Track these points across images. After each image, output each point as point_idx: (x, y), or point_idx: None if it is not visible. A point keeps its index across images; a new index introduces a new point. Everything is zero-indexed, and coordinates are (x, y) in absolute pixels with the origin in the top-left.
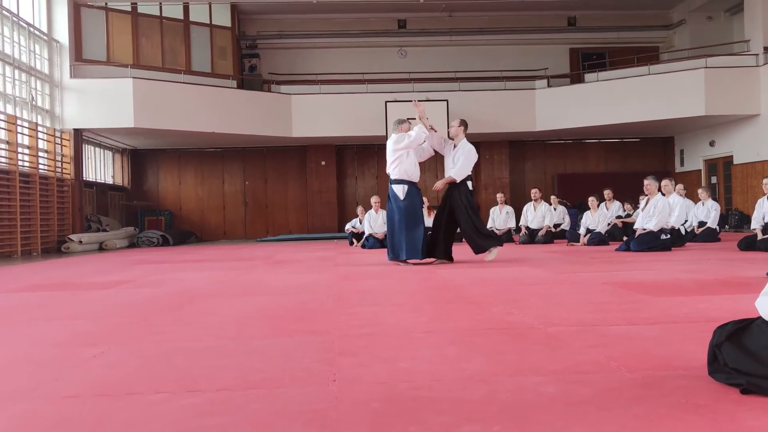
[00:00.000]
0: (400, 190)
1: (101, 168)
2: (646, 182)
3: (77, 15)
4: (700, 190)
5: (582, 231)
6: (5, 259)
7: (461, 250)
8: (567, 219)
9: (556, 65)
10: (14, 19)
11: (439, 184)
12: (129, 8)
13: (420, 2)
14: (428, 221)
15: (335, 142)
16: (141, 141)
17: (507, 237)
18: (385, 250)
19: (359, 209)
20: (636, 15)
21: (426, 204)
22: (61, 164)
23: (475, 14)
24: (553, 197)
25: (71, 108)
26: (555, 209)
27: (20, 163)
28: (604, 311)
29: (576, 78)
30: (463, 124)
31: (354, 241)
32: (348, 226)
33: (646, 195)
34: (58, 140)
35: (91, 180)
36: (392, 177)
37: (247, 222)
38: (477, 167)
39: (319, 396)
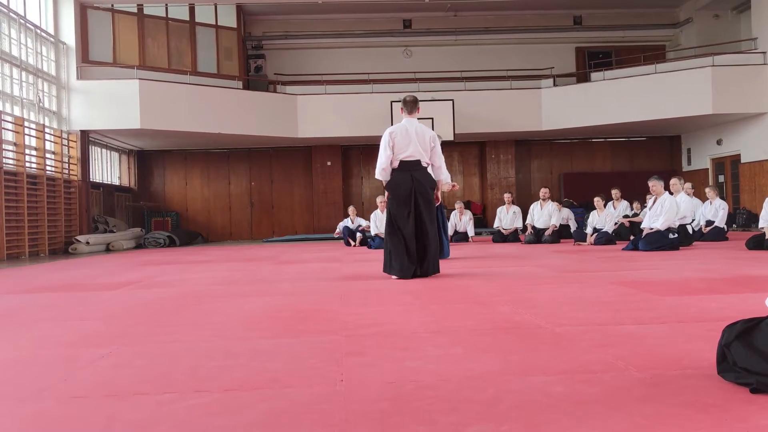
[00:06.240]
0: None
1: (108, 169)
2: (650, 183)
3: (83, 17)
4: (707, 189)
5: (589, 230)
6: (13, 260)
7: (460, 250)
8: (572, 219)
9: (562, 64)
10: (21, 21)
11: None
12: (135, 10)
13: (425, 2)
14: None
15: (341, 143)
16: (147, 142)
17: (513, 236)
18: None
19: (350, 209)
20: (642, 13)
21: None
22: (68, 166)
23: (481, 14)
24: (555, 203)
25: (78, 109)
26: (559, 212)
27: (27, 164)
28: (612, 311)
29: (582, 77)
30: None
31: (350, 241)
32: (339, 228)
33: (653, 194)
34: (65, 142)
35: (97, 181)
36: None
37: (253, 223)
38: (483, 167)
39: (326, 396)
